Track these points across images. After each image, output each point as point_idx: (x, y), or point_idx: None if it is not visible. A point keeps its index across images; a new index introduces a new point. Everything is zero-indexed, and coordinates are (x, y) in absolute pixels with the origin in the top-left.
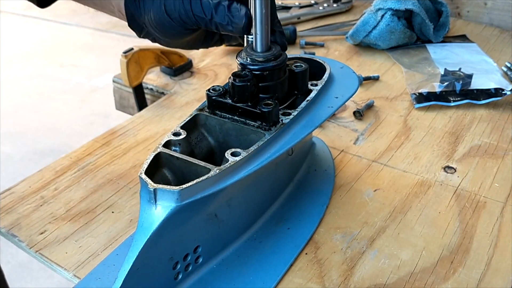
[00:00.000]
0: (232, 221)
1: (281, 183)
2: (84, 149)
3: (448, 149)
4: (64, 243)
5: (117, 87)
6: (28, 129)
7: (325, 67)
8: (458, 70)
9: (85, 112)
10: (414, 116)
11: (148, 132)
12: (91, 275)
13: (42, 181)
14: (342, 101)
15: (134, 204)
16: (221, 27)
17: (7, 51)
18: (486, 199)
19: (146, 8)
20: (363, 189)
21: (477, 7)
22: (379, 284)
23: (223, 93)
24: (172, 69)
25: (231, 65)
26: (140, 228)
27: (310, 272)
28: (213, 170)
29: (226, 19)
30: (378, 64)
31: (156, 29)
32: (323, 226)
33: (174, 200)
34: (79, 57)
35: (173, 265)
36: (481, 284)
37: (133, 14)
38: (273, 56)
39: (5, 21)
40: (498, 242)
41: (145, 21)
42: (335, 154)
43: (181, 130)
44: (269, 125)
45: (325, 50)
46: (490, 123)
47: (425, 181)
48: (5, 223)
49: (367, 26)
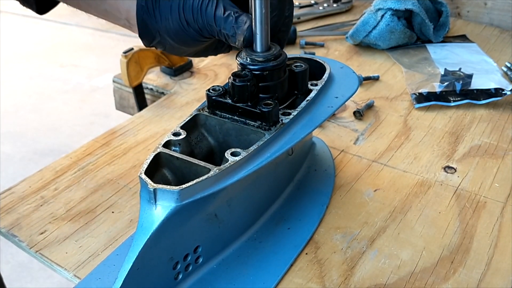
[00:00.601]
0: (232, 221)
1: (281, 183)
2: (84, 149)
3: (448, 149)
4: (64, 243)
5: (117, 87)
6: (28, 129)
7: (325, 67)
8: (458, 70)
9: (85, 112)
10: (414, 116)
11: (148, 132)
12: (91, 275)
13: (42, 181)
14: (342, 101)
15: (134, 204)
16: (228, 38)
17: (7, 51)
18: (486, 199)
19: (162, 17)
20: (363, 189)
21: (477, 7)
22: (379, 284)
23: (223, 93)
24: (172, 69)
25: (231, 65)
26: (140, 228)
27: (310, 272)
28: (213, 170)
29: (232, 30)
30: (378, 64)
31: (174, 36)
32: (323, 226)
33: (174, 200)
34: (79, 57)
35: (173, 265)
36: (481, 284)
37: (147, 23)
38: (273, 56)
39: (5, 21)
40: (498, 242)
41: (160, 29)
42: (335, 154)
43: (181, 130)
44: (269, 125)
45: (325, 50)
46: (490, 123)
47: (425, 181)
48: (5, 223)
49: (367, 26)
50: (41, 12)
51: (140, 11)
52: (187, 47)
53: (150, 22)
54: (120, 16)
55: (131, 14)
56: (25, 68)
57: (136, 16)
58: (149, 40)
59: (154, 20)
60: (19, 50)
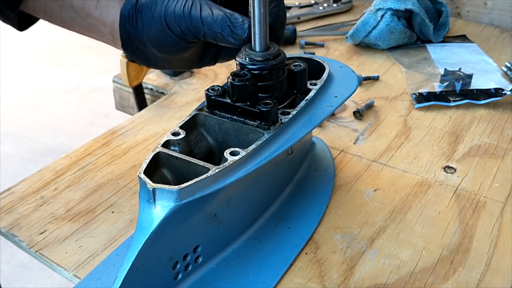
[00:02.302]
0: (232, 220)
1: (281, 182)
2: (84, 149)
3: (448, 149)
4: (64, 243)
5: (117, 87)
6: (28, 129)
7: (324, 66)
8: (458, 70)
9: (85, 112)
10: (414, 116)
11: (148, 132)
12: (91, 275)
13: (42, 181)
14: (341, 100)
15: (134, 204)
16: (221, 37)
17: (7, 51)
18: (486, 199)
19: (144, 26)
20: (363, 189)
21: (477, 7)
22: (379, 284)
23: (222, 93)
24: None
25: (231, 65)
26: (139, 228)
27: (310, 272)
28: (212, 170)
29: (227, 29)
30: (378, 64)
31: (156, 45)
32: (323, 226)
33: (173, 199)
34: (79, 57)
35: (172, 265)
36: (481, 284)
37: (129, 33)
38: (272, 55)
39: None
40: (498, 242)
41: (144, 39)
42: (335, 154)
43: (180, 130)
44: (268, 124)
45: (325, 50)
46: (490, 123)
47: (425, 181)
48: (5, 223)
49: (367, 26)
50: (22, 28)
51: (123, 21)
52: (170, 55)
53: (132, 32)
54: (104, 30)
55: (116, 27)
56: (25, 68)
57: (119, 27)
58: (132, 51)
59: (136, 29)
60: (19, 50)
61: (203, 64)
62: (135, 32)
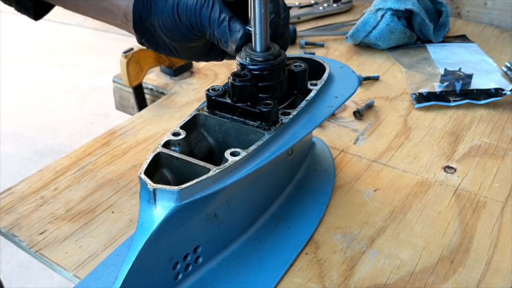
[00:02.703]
0: (232, 221)
1: (281, 183)
2: (84, 149)
3: (448, 149)
4: (64, 243)
5: (117, 87)
6: (28, 129)
7: (324, 67)
8: (458, 70)
9: (85, 112)
10: (414, 116)
11: (148, 132)
12: (91, 275)
13: (42, 181)
14: (341, 101)
15: (134, 204)
16: (220, 42)
17: (7, 51)
18: (486, 199)
19: (157, 10)
20: (363, 189)
21: (477, 7)
22: (379, 284)
23: (222, 93)
24: (172, 69)
25: (231, 65)
26: (140, 228)
27: (310, 272)
28: (212, 170)
29: (225, 36)
30: (378, 64)
31: (165, 31)
32: (323, 226)
33: (174, 200)
34: (79, 57)
35: (173, 265)
36: (481, 284)
37: (141, 15)
38: (272, 56)
39: (5, 21)
40: (498, 242)
41: (154, 23)
42: (335, 154)
43: (180, 130)
44: (268, 124)
45: (325, 50)
46: (490, 123)
47: (425, 181)
48: (5, 223)
49: (367, 26)
50: (37, 17)
51: (137, 4)
52: (178, 44)
53: (145, 15)
54: (118, 12)
55: (130, 9)
56: (25, 68)
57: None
58: (142, 33)
59: (149, 12)
60: (19, 50)
61: (210, 58)
62: (148, 15)
